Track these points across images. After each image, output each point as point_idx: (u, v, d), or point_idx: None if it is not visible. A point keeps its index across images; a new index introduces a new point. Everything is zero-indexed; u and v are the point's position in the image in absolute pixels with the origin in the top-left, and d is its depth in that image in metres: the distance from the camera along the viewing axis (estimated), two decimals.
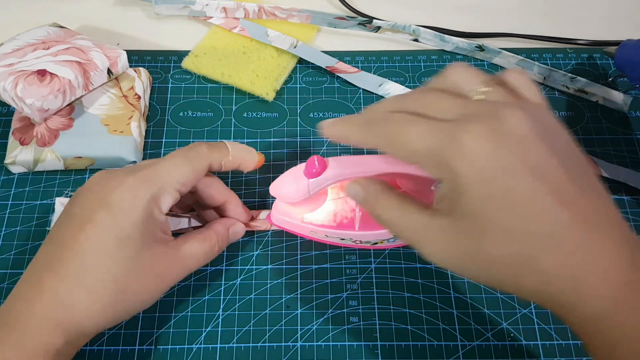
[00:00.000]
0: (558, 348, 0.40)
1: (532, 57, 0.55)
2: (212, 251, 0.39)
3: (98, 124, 0.47)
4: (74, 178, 0.47)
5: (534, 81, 0.32)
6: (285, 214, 0.42)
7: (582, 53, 0.56)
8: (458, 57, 0.55)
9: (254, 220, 0.44)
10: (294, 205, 0.41)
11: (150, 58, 0.55)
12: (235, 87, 0.52)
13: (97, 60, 0.46)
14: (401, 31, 0.56)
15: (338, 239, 0.42)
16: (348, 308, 0.42)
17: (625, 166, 0.48)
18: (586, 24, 0.58)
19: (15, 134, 0.46)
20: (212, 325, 0.41)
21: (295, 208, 0.41)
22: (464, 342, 0.41)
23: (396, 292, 0.42)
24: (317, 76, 0.54)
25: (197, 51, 0.54)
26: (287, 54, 0.54)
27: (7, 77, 0.43)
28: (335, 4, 0.60)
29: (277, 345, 0.40)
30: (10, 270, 0.43)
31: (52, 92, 0.44)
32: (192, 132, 0.50)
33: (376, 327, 0.41)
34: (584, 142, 0.50)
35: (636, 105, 0.52)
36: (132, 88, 0.49)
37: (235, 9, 0.56)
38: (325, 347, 0.40)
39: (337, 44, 0.57)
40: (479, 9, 0.60)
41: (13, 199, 0.46)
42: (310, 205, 0.41)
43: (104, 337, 0.40)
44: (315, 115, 0.51)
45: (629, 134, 0.50)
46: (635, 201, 0.47)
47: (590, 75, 0.54)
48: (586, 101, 0.53)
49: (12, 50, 0.46)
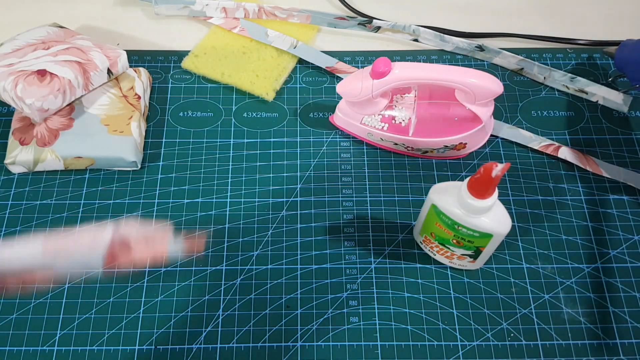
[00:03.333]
0: (558, 348, 0.40)
1: (532, 57, 0.55)
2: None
3: (98, 124, 0.47)
4: (74, 178, 0.47)
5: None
6: (347, 115, 0.46)
7: (582, 53, 0.56)
8: (458, 57, 0.55)
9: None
10: (356, 107, 0.45)
11: (150, 58, 0.55)
12: (235, 87, 0.52)
13: (97, 60, 0.46)
14: (401, 31, 0.56)
15: (392, 143, 0.47)
16: (348, 308, 0.42)
17: (625, 166, 0.48)
18: (586, 24, 0.58)
19: (15, 134, 0.46)
20: (212, 325, 0.41)
21: (356, 110, 0.46)
22: (464, 342, 0.41)
23: (396, 292, 0.42)
24: (317, 76, 0.54)
25: (197, 51, 0.54)
26: (287, 54, 0.54)
27: (7, 77, 0.43)
28: (335, 4, 0.60)
29: (277, 345, 0.40)
30: None
31: (52, 92, 0.44)
32: (192, 132, 0.50)
33: (376, 327, 0.41)
34: (584, 142, 0.50)
35: (636, 105, 0.52)
36: (132, 88, 0.49)
37: (235, 9, 0.56)
38: (325, 347, 0.40)
39: (337, 44, 0.57)
40: (479, 9, 0.60)
41: (13, 199, 0.46)
42: (370, 109, 0.45)
43: (104, 337, 0.40)
44: (315, 115, 0.51)
45: (629, 134, 0.50)
46: (635, 201, 0.47)
47: (590, 75, 0.54)
48: (586, 101, 0.53)
49: (12, 50, 0.46)
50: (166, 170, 0.48)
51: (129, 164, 0.46)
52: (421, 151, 0.47)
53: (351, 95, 0.44)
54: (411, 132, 0.46)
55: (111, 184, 0.47)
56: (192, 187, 0.47)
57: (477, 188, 0.35)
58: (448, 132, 0.45)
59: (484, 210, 0.35)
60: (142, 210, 0.46)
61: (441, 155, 0.48)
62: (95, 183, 0.47)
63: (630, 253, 0.44)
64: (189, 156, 0.48)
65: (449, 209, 0.37)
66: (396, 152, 0.49)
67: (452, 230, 0.38)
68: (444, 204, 0.37)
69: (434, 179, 0.47)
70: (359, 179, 0.47)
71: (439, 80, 0.42)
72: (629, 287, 0.43)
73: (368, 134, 0.47)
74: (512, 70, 0.54)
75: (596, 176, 0.48)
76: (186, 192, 0.47)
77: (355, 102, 0.45)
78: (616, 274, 0.43)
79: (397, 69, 0.42)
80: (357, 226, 0.45)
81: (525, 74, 0.54)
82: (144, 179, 0.47)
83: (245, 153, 0.49)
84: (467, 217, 0.36)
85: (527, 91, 0.53)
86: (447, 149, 0.46)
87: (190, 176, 0.47)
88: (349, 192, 0.47)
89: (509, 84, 0.53)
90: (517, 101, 0.52)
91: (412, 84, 0.44)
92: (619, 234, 0.45)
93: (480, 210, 0.35)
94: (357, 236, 0.45)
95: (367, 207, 0.46)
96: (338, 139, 0.50)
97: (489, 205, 0.35)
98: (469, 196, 0.35)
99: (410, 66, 0.43)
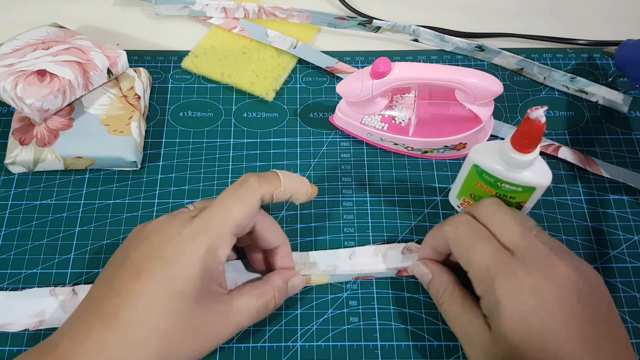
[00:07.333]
0: None
1: (532, 57, 0.55)
2: (267, 308, 0.37)
3: (98, 124, 0.47)
4: (74, 178, 0.47)
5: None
6: (347, 115, 0.47)
7: (582, 53, 0.56)
8: (458, 57, 0.55)
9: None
10: (356, 107, 0.45)
11: (150, 58, 0.55)
12: (235, 87, 0.52)
13: (97, 60, 0.46)
14: (401, 31, 0.56)
15: (392, 143, 0.47)
16: (348, 308, 0.42)
17: (625, 166, 0.48)
18: (586, 24, 0.58)
19: (15, 134, 0.46)
20: None
21: (356, 111, 0.46)
22: None
23: (396, 292, 0.42)
24: (317, 76, 0.54)
25: (197, 51, 0.54)
26: (287, 54, 0.54)
27: (7, 77, 0.43)
28: (335, 4, 0.60)
29: (277, 345, 0.40)
30: (11, 270, 0.43)
31: (52, 92, 0.44)
32: (192, 132, 0.50)
33: (376, 327, 0.41)
34: (584, 142, 0.50)
35: (636, 105, 0.52)
36: (132, 88, 0.49)
37: (235, 9, 0.56)
38: (325, 347, 0.40)
39: (337, 44, 0.57)
40: (479, 9, 0.60)
41: (13, 199, 0.46)
42: (370, 109, 0.45)
43: None
44: (315, 115, 0.51)
45: (629, 134, 0.50)
46: (635, 201, 0.47)
47: (590, 75, 0.54)
48: (586, 101, 0.53)
49: (12, 51, 0.46)
50: (166, 170, 0.48)
51: (129, 164, 0.46)
52: (421, 151, 0.47)
53: (351, 95, 0.44)
54: (411, 132, 0.46)
55: (111, 184, 0.47)
56: (192, 187, 0.47)
57: (521, 142, 0.35)
58: (448, 132, 0.45)
59: (528, 164, 0.36)
60: (142, 211, 0.46)
61: (441, 155, 0.48)
62: (95, 183, 0.47)
63: (630, 253, 0.44)
64: (189, 156, 0.48)
65: (491, 167, 0.37)
66: (396, 152, 0.49)
67: (495, 188, 0.38)
68: (486, 163, 0.38)
69: (434, 179, 0.47)
70: (359, 179, 0.47)
71: (439, 80, 0.42)
72: (629, 287, 0.43)
73: (368, 134, 0.47)
74: (512, 70, 0.54)
75: (596, 176, 0.48)
76: (186, 192, 0.47)
77: (355, 102, 0.45)
78: (616, 274, 0.43)
79: (397, 69, 0.42)
80: (357, 226, 0.45)
81: (525, 74, 0.54)
82: (144, 179, 0.47)
83: (245, 153, 0.49)
84: (510, 173, 0.37)
85: (527, 91, 0.53)
86: (447, 149, 0.46)
87: (190, 176, 0.47)
88: (349, 192, 0.47)
89: (509, 84, 0.54)
90: (517, 101, 0.52)
91: (412, 84, 0.44)
92: (619, 234, 0.45)
93: (524, 164, 0.36)
94: (357, 236, 0.45)
95: (367, 207, 0.46)
96: (338, 139, 0.50)
97: (532, 159, 0.35)
98: (513, 151, 0.35)
99: (410, 66, 0.43)
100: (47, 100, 0.44)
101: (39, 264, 0.43)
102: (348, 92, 0.44)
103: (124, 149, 0.46)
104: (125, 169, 0.47)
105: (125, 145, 0.46)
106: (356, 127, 0.47)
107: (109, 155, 0.46)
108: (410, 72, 0.42)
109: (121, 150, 0.46)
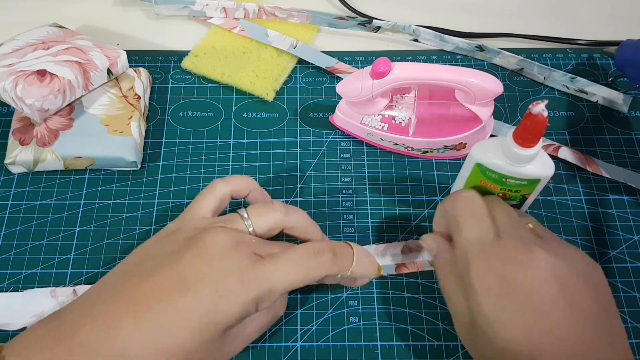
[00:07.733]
0: None
1: (532, 57, 0.55)
2: (276, 317, 0.38)
3: (98, 124, 0.47)
4: (74, 178, 0.47)
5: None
6: (347, 116, 0.47)
7: (582, 53, 0.56)
8: (458, 57, 0.55)
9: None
10: (356, 107, 0.45)
11: (150, 58, 0.55)
12: (235, 87, 0.52)
13: (97, 60, 0.46)
14: (401, 31, 0.56)
15: (392, 143, 0.47)
16: (348, 308, 0.42)
17: (625, 166, 0.48)
18: (586, 24, 0.58)
19: (15, 134, 0.46)
20: None
21: (356, 111, 0.46)
22: None
23: (396, 292, 0.42)
24: (317, 76, 0.54)
25: (197, 51, 0.54)
26: (287, 54, 0.54)
27: (7, 77, 0.43)
28: (335, 4, 0.60)
29: (277, 345, 0.40)
30: (10, 270, 0.43)
31: (52, 92, 0.44)
32: (192, 132, 0.50)
33: (376, 327, 0.41)
34: (583, 142, 0.50)
35: (636, 105, 0.52)
36: (132, 88, 0.49)
37: (235, 9, 0.56)
38: (325, 347, 0.40)
39: (337, 44, 0.57)
40: (479, 9, 0.60)
41: (13, 199, 0.46)
42: (370, 109, 0.45)
43: None
44: (315, 115, 0.51)
45: (629, 134, 0.50)
46: (635, 201, 0.47)
47: (590, 75, 0.54)
48: (586, 101, 0.53)
49: (12, 51, 0.46)
50: (166, 170, 0.48)
51: (129, 164, 0.46)
52: (421, 151, 0.47)
53: (351, 95, 0.44)
54: (411, 132, 0.46)
55: (111, 184, 0.47)
56: (192, 187, 0.47)
57: (524, 137, 0.35)
58: (448, 132, 0.45)
59: (531, 158, 0.36)
60: (142, 211, 0.46)
61: (441, 155, 0.48)
62: (95, 183, 0.47)
63: (630, 253, 0.44)
64: (189, 156, 0.48)
65: (495, 164, 0.37)
66: (396, 152, 0.49)
67: (500, 184, 0.38)
68: (489, 160, 0.38)
69: (434, 179, 0.47)
70: (359, 179, 0.47)
71: (439, 80, 0.42)
72: (629, 287, 0.43)
73: (368, 134, 0.47)
74: (512, 70, 0.54)
75: (596, 176, 0.48)
76: (186, 192, 0.47)
77: (355, 102, 0.45)
78: (616, 274, 0.43)
79: (397, 69, 0.42)
80: (357, 226, 0.45)
81: (525, 74, 0.54)
82: (144, 179, 0.47)
83: (245, 153, 0.49)
84: (514, 168, 0.37)
85: (527, 91, 0.53)
86: (447, 149, 0.46)
87: (190, 176, 0.47)
88: (349, 192, 0.47)
89: (509, 84, 0.54)
90: (517, 101, 0.52)
91: (412, 84, 0.44)
92: (619, 234, 0.45)
93: (528, 158, 0.36)
94: (357, 236, 0.45)
95: (367, 207, 0.46)
96: (338, 139, 0.50)
97: (535, 152, 0.35)
98: (516, 146, 0.35)
99: (410, 66, 0.43)
100: (47, 100, 0.44)
101: (39, 264, 0.43)
102: (348, 92, 0.44)
103: (124, 149, 0.46)
104: (125, 169, 0.47)
105: (125, 145, 0.46)
106: (356, 127, 0.47)
107: (109, 155, 0.46)
108: (410, 72, 0.42)
109: (121, 150, 0.46)
